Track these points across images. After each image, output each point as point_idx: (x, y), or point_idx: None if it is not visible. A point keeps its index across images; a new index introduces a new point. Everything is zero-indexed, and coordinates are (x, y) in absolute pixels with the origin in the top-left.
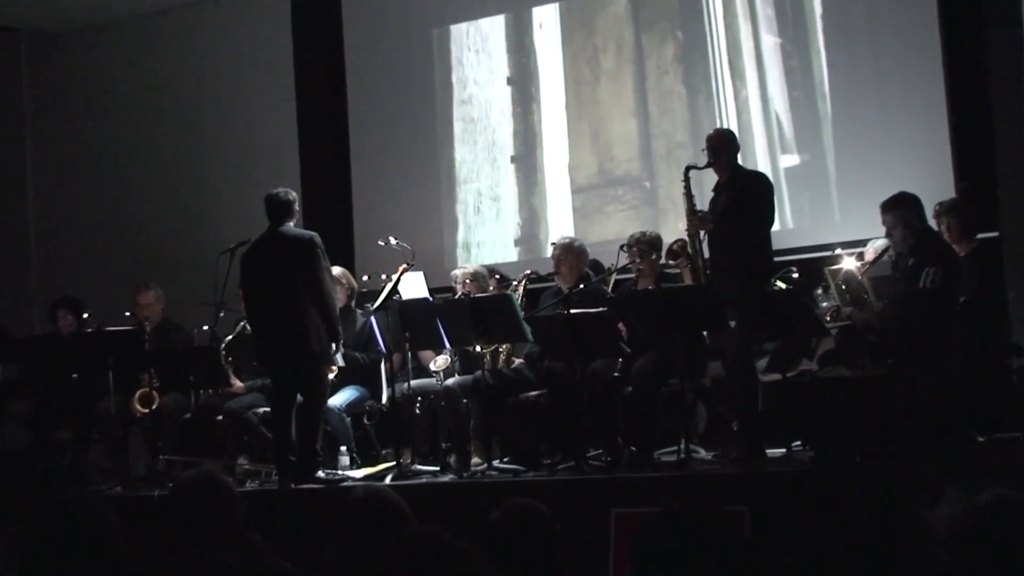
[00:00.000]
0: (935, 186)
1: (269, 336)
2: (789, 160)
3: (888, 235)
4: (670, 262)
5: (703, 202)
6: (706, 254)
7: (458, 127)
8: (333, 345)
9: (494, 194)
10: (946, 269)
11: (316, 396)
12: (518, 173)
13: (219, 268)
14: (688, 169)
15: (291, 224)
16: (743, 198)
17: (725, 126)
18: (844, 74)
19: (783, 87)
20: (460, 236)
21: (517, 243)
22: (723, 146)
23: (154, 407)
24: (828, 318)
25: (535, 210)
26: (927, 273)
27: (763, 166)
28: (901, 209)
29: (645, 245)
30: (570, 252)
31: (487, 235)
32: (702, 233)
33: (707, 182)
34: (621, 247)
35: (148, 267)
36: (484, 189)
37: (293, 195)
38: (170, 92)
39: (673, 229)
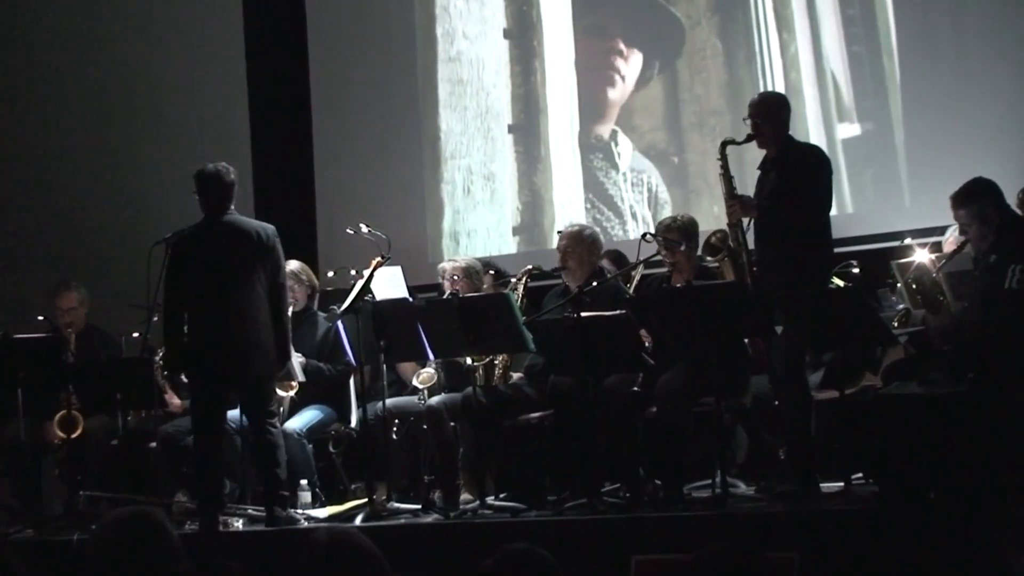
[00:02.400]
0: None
1: (208, 347)
2: (848, 130)
3: (963, 232)
4: (708, 258)
5: (745, 185)
6: (751, 246)
7: (444, 90)
8: (296, 359)
9: (488, 172)
10: None
11: (268, 417)
12: (517, 146)
13: (153, 262)
14: (725, 144)
15: (234, 210)
16: (794, 178)
17: (770, 89)
18: (916, 27)
19: (840, 41)
20: (447, 223)
21: (516, 232)
22: (769, 114)
23: (77, 433)
24: (895, 323)
25: (537, 191)
26: (1013, 271)
27: (815, 138)
28: (975, 203)
29: (676, 233)
30: (579, 243)
31: (479, 222)
32: (745, 221)
33: (749, 159)
34: (644, 236)
35: (68, 262)
36: (476, 166)
37: (235, 174)
38: (92, 50)
39: (707, 214)
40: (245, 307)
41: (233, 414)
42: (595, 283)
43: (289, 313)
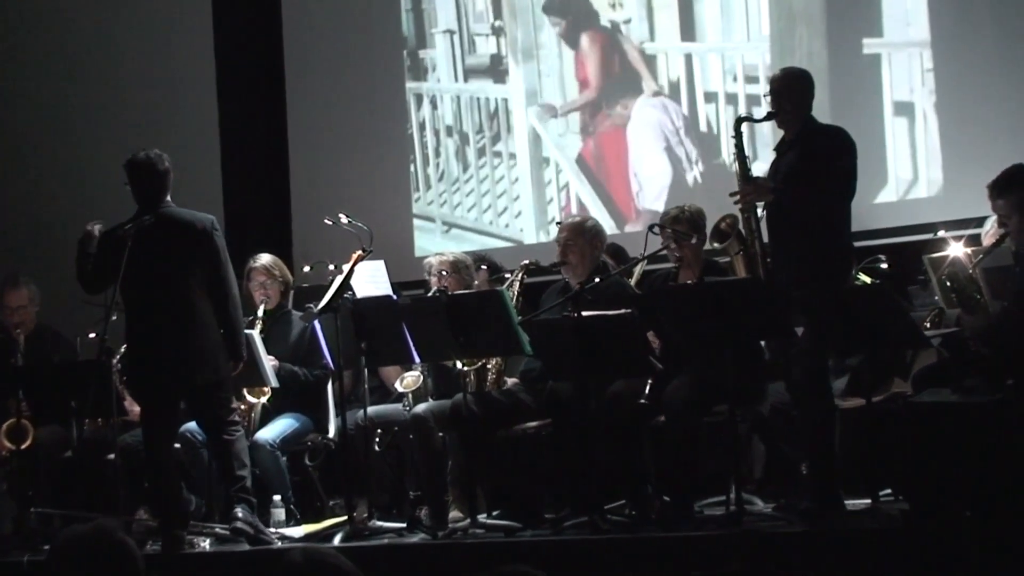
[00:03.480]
0: None
1: (147, 356)
2: None
3: (1002, 224)
4: (715, 245)
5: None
6: (765, 237)
7: (439, 45)
8: (268, 363)
9: (484, 149)
10: None
11: (227, 426)
12: (522, 113)
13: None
14: (740, 121)
15: (170, 201)
16: (815, 160)
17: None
18: (950, 5)
19: None
20: (435, 211)
21: (513, 221)
22: (792, 91)
23: (26, 444)
24: (927, 324)
25: (541, 171)
26: None
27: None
28: (1015, 193)
29: (684, 224)
30: (581, 235)
31: (472, 210)
32: (759, 207)
33: (765, 138)
34: (651, 228)
35: (17, 256)
36: (471, 142)
37: (169, 162)
38: (48, 35)
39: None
40: (185, 309)
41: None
42: (597, 279)
43: (260, 311)
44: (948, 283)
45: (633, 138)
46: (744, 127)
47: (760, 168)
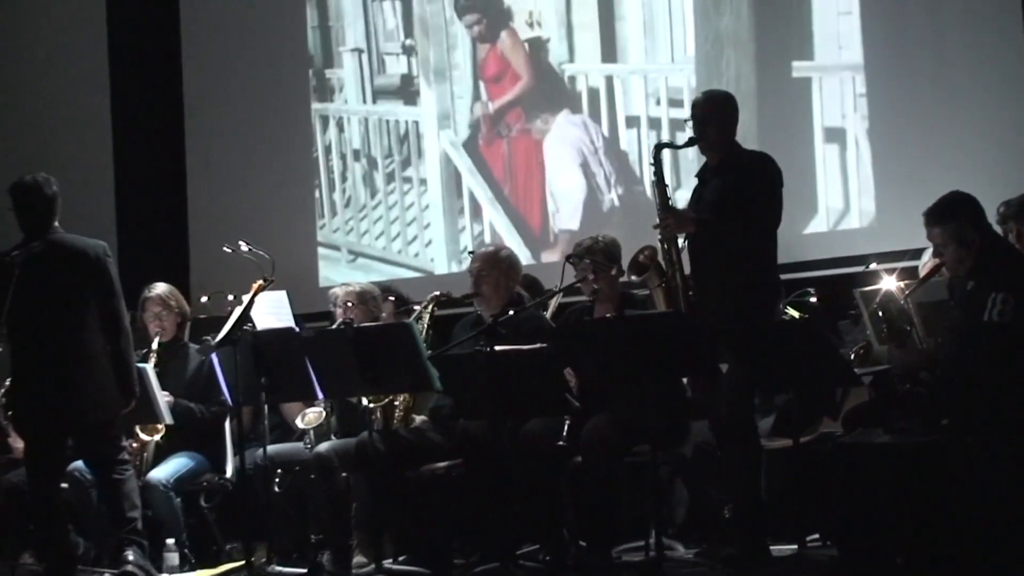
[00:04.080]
0: (1007, 175)
1: (34, 391)
2: None
3: (937, 254)
4: (633, 278)
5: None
6: (688, 268)
7: (347, 65)
8: (162, 399)
9: (393, 174)
10: (1020, 294)
11: (117, 465)
12: (434, 137)
13: None
14: (659, 148)
15: (58, 227)
16: (739, 189)
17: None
18: (881, 25)
19: None
20: (341, 239)
21: (423, 250)
22: (715, 115)
23: None
24: (851, 355)
25: (453, 198)
26: (994, 301)
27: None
28: (951, 221)
29: (600, 255)
30: (495, 265)
31: (380, 239)
32: (681, 238)
33: (690, 164)
34: (568, 258)
35: None
36: (380, 166)
37: (57, 185)
38: None
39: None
40: (74, 341)
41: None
42: (512, 312)
43: (155, 344)
44: (880, 313)
45: (549, 154)
46: (666, 153)
47: (684, 196)
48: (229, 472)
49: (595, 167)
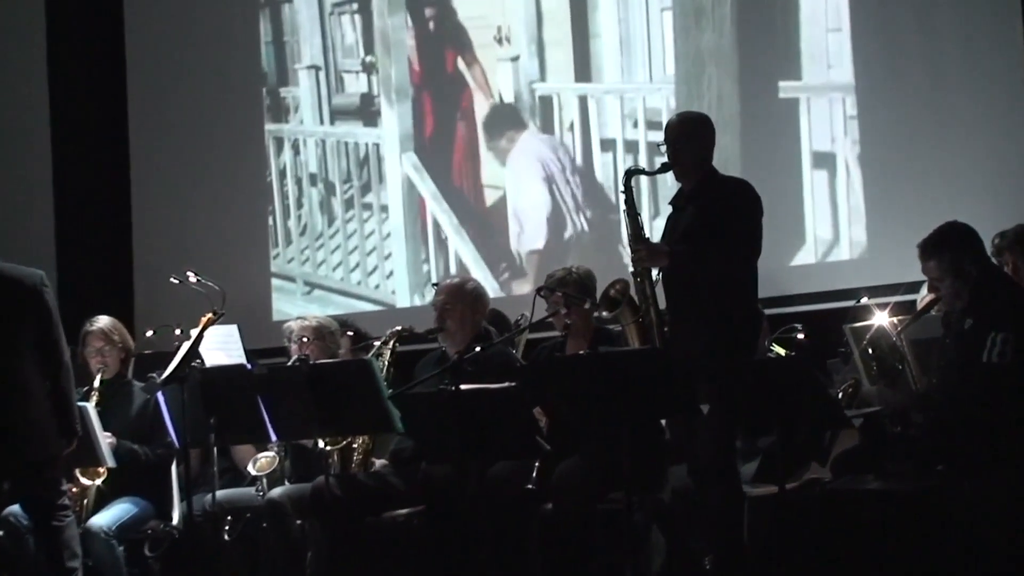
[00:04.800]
0: (1007, 204)
1: None
2: None
3: (933, 288)
4: (605, 314)
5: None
6: (662, 303)
7: (303, 83)
8: (104, 440)
9: (352, 200)
10: (1020, 333)
11: (56, 511)
12: (395, 160)
13: None
14: (630, 174)
15: None
16: (715, 217)
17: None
18: (873, 47)
19: None
20: (296, 270)
21: (384, 282)
22: (690, 139)
23: None
24: (839, 393)
25: (416, 226)
26: (993, 340)
27: (735, 167)
28: (947, 253)
29: (573, 287)
30: (460, 299)
31: (338, 269)
32: (655, 271)
33: (669, 190)
34: (538, 291)
35: None
36: (338, 191)
37: None
38: None
39: (618, 262)
40: (9, 376)
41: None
42: (478, 348)
43: (97, 381)
44: (870, 350)
45: (515, 176)
46: (638, 179)
47: (662, 225)
48: (175, 519)
49: (564, 190)
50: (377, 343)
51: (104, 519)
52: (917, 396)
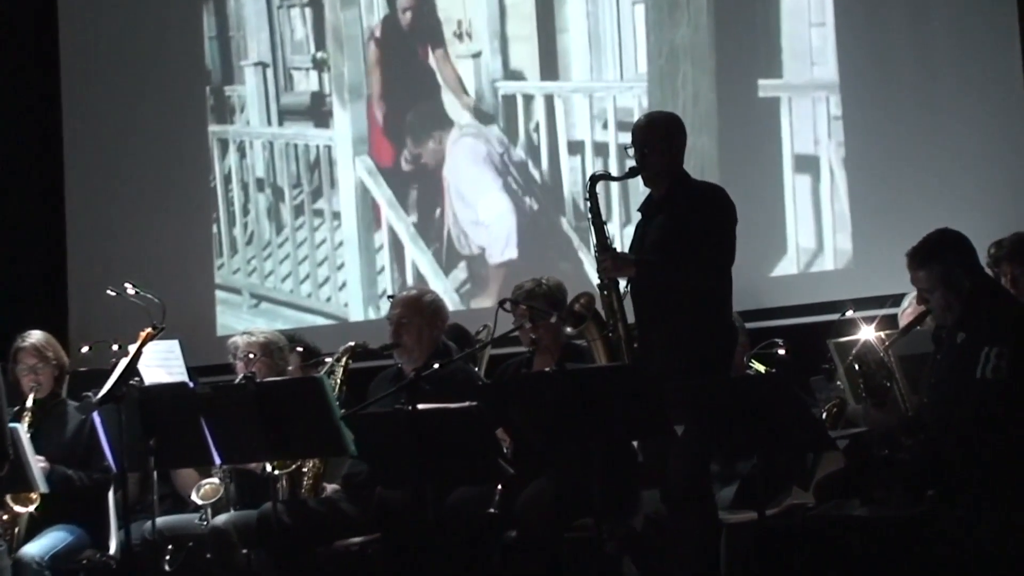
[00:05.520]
0: (1001, 211)
1: None
2: None
3: (923, 300)
4: (569, 331)
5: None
6: (631, 317)
7: (250, 81)
8: (36, 464)
9: (302, 207)
10: (1017, 347)
11: None
12: (348, 164)
13: None
14: (594, 180)
15: None
16: (686, 224)
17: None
18: (858, 48)
19: None
20: (241, 281)
21: (336, 294)
22: (659, 141)
23: None
24: (823, 412)
25: (371, 234)
26: (987, 356)
27: (712, 171)
28: (938, 264)
29: (541, 300)
30: (418, 312)
31: (287, 280)
32: (622, 282)
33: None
34: (501, 304)
35: None
36: (287, 197)
37: None
38: None
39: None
40: None
41: None
42: (437, 365)
43: (29, 401)
44: (856, 367)
45: (477, 181)
46: (606, 185)
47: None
48: (112, 548)
49: (528, 196)
50: (329, 360)
51: (36, 548)
52: (906, 416)
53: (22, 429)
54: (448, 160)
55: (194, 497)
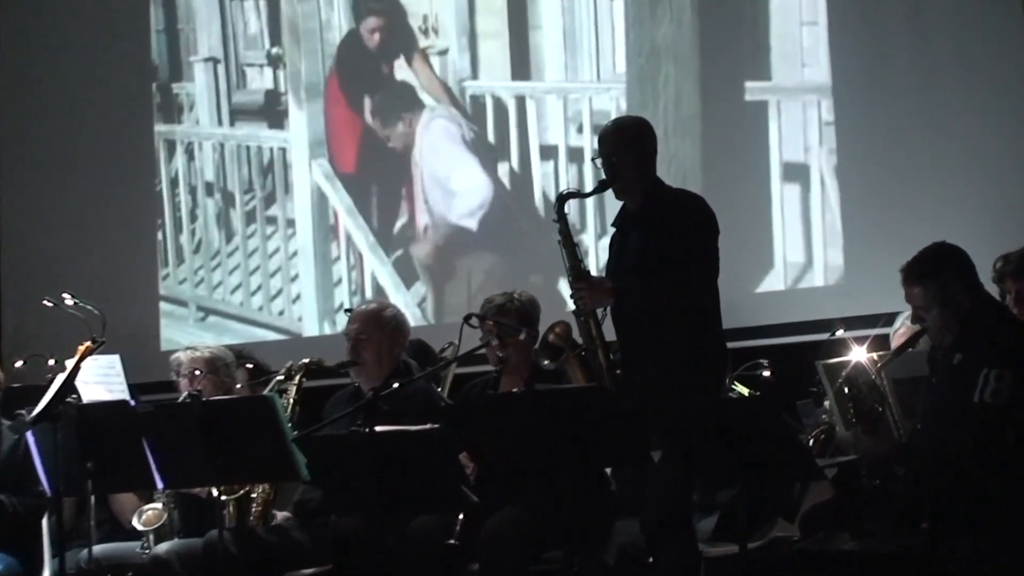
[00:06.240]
0: (1003, 224)
1: None
2: None
3: (918, 318)
4: (546, 364)
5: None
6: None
7: (199, 78)
8: None
9: (254, 213)
10: (1018, 369)
11: None
12: (304, 168)
13: None
14: (562, 199)
15: None
16: (665, 240)
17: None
18: (850, 52)
19: None
20: (188, 293)
21: (289, 308)
22: (629, 148)
23: None
24: (810, 439)
25: (327, 243)
26: (986, 378)
27: (695, 178)
28: (935, 279)
29: (512, 316)
30: (377, 327)
31: (237, 292)
32: (600, 310)
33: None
34: (466, 319)
35: None
36: (238, 203)
37: None
38: None
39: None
40: None
41: None
42: (397, 385)
43: None
44: (846, 390)
45: (443, 187)
46: (580, 201)
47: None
48: None
49: (497, 204)
50: (280, 377)
51: None
52: (899, 443)
53: None
54: (419, 143)
55: (134, 524)
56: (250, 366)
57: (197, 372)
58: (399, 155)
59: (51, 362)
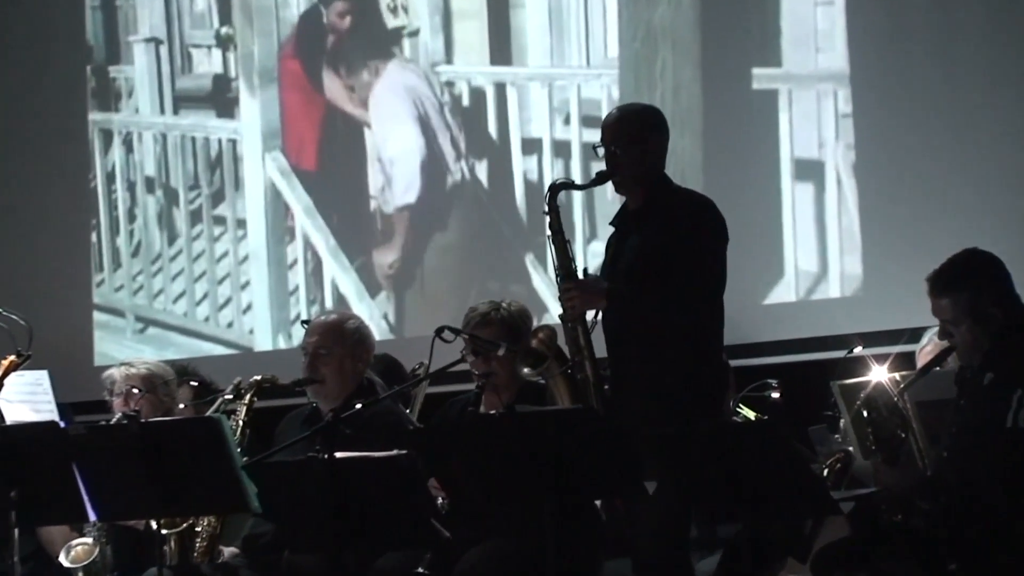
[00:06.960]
0: None
1: None
2: None
3: (946, 334)
4: (526, 372)
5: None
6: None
7: (139, 60)
8: None
9: (200, 213)
10: None
11: None
12: (257, 161)
13: None
14: (555, 189)
15: None
16: (668, 244)
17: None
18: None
19: None
20: (125, 301)
21: (239, 318)
22: (633, 140)
23: None
24: (824, 469)
25: (282, 246)
26: (1020, 400)
27: (695, 177)
28: (966, 291)
29: (495, 330)
30: (338, 340)
31: (180, 301)
32: (590, 315)
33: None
34: (440, 332)
35: None
36: (182, 201)
37: None
38: None
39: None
40: None
41: None
42: (360, 405)
43: None
44: (865, 413)
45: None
46: (569, 195)
47: (598, 249)
48: None
49: (474, 205)
50: (229, 396)
51: None
52: (923, 474)
53: None
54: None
55: (62, 560)
56: (194, 384)
57: (135, 390)
58: (363, 149)
59: None
